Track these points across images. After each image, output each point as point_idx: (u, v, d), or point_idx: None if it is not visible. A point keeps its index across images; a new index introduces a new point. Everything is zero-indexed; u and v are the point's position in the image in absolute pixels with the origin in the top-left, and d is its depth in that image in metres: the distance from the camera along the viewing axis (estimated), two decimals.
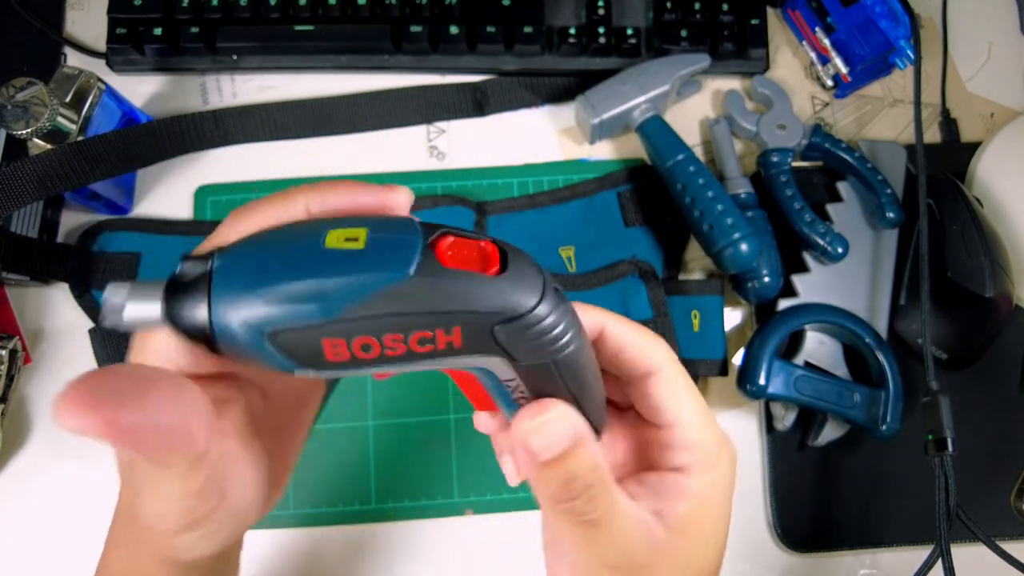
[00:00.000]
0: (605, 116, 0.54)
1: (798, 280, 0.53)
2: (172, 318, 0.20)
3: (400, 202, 0.24)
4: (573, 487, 0.24)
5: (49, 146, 0.47)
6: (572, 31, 0.57)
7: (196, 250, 0.22)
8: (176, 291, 0.20)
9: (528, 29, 0.56)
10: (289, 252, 0.20)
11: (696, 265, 0.55)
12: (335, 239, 0.20)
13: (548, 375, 0.23)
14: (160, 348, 0.23)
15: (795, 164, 0.55)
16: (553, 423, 0.24)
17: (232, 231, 0.22)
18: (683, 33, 0.57)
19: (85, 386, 0.18)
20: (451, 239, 0.21)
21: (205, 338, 0.20)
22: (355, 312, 0.19)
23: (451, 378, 0.25)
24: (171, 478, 0.22)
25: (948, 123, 0.59)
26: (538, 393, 0.24)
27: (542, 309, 0.21)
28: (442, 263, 0.20)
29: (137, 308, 0.20)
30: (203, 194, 0.55)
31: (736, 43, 0.57)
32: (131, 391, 0.19)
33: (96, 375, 0.19)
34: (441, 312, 0.20)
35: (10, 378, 0.50)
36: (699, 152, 0.57)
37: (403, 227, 0.21)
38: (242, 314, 0.20)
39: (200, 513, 0.23)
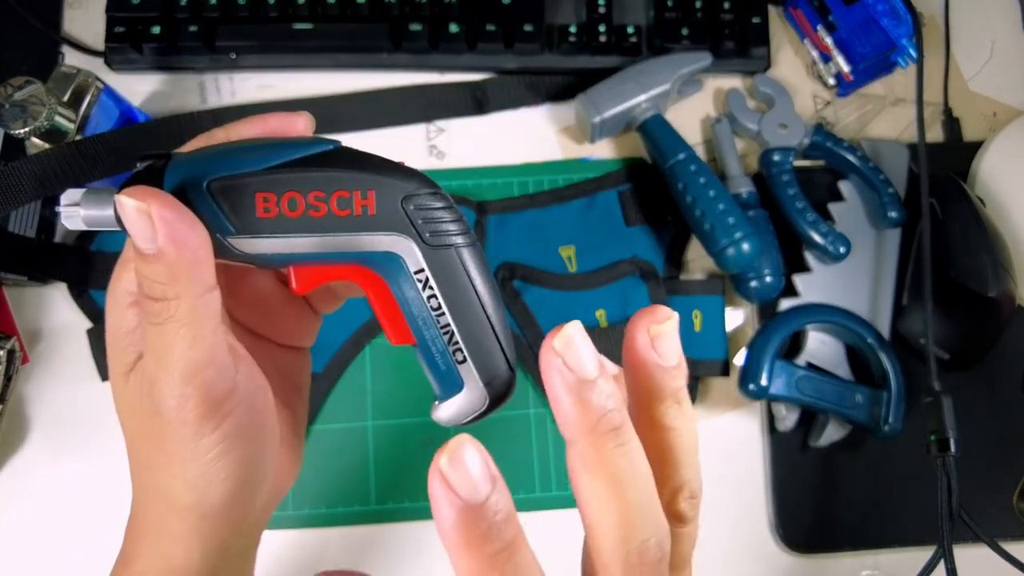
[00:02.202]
0: (606, 115, 0.54)
1: (800, 280, 0.53)
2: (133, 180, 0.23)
3: (300, 125, 0.26)
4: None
5: (47, 145, 0.46)
6: (572, 29, 0.57)
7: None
8: (136, 180, 0.23)
9: (528, 27, 0.56)
10: (239, 145, 0.24)
11: (697, 265, 0.55)
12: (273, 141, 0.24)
13: (455, 268, 0.24)
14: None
15: (797, 163, 0.55)
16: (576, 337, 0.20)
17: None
18: (684, 31, 0.57)
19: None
20: None
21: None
22: (287, 166, 0.23)
23: (373, 308, 0.26)
24: (187, 327, 0.22)
25: (950, 122, 0.59)
26: (451, 301, 0.25)
27: (444, 195, 0.24)
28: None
29: (93, 210, 0.23)
30: None
31: (737, 41, 0.57)
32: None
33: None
34: (359, 174, 0.23)
35: (8, 378, 0.50)
36: (700, 151, 0.57)
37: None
38: (188, 171, 0.23)
39: (218, 388, 0.23)
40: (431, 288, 0.24)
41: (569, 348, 0.19)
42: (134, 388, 0.24)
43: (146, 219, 0.21)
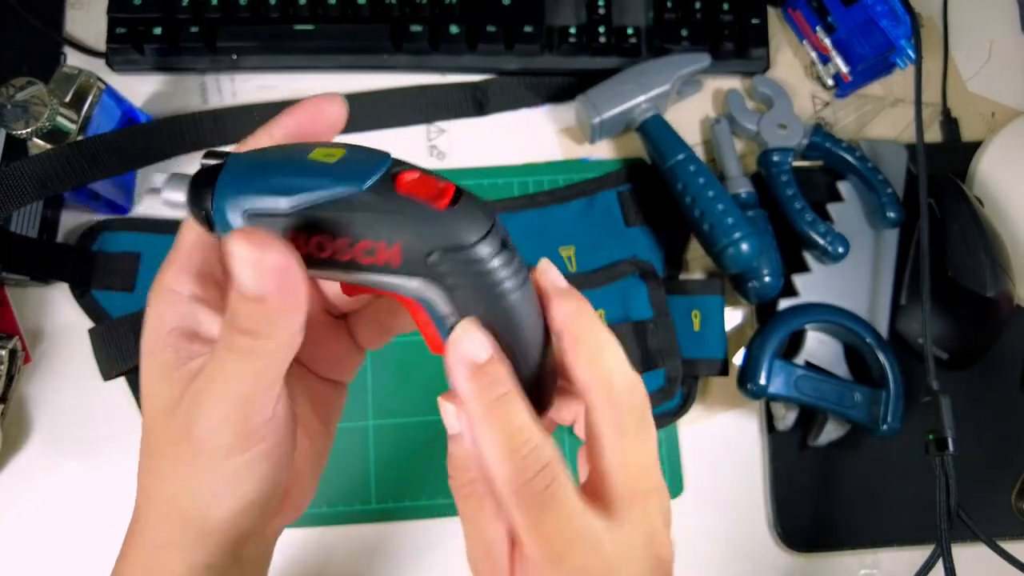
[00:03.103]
0: (605, 115, 0.54)
1: (799, 280, 0.53)
2: (189, 202, 0.24)
3: (329, 114, 0.26)
4: (517, 439, 0.24)
5: (49, 146, 0.47)
6: (572, 30, 0.57)
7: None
8: (194, 182, 0.24)
9: (528, 28, 0.56)
10: (280, 160, 0.24)
11: (697, 265, 0.55)
12: (318, 154, 0.23)
13: (483, 317, 0.24)
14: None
15: (796, 164, 0.55)
16: (472, 333, 0.24)
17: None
18: (683, 32, 0.57)
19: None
20: (416, 174, 0.23)
21: (208, 221, 0.24)
22: (308, 209, 0.22)
23: (410, 315, 0.26)
24: (263, 365, 0.23)
25: (949, 122, 0.59)
26: None
27: (481, 248, 0.23)
28: (397, 189, 0.22)
29: (171, 194, 0.24)
30: None
31: (737, 42, 0.57)
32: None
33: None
34: (384, 226, 0.22)
35: (10, 378, 0.50)
36: (699, 152, 0.57)
37: (377, 155, 0.23)
38: (230, 200, 0.23)
39: (257, 419, 0.24)
40: None
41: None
42: (170, 392, 0.24)
43: (259, 268, 0.21)
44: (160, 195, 0.24)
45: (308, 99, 0.26)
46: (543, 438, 0.24)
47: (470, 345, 0.24)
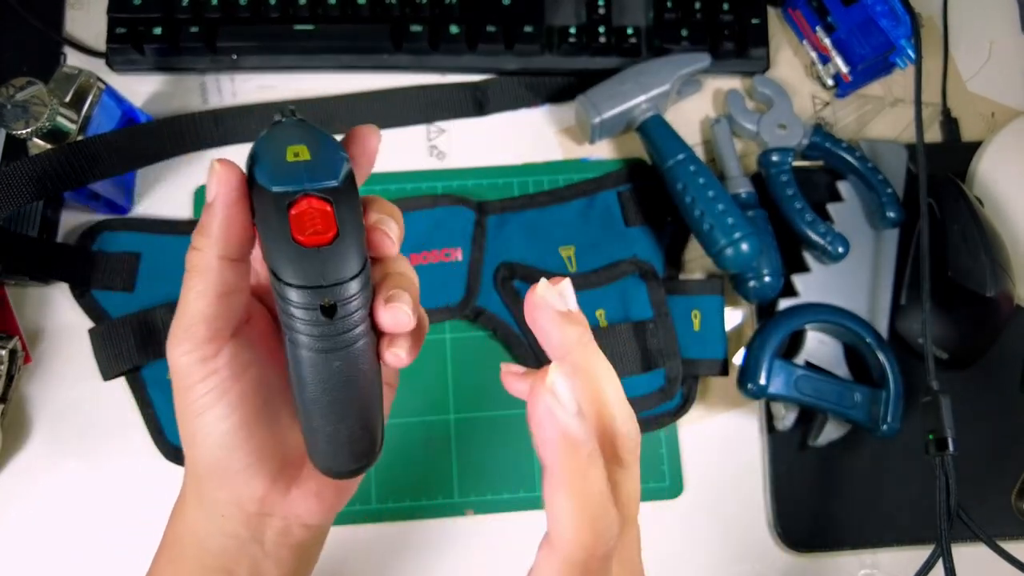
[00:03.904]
0: (605, 116, 0.54)
1: (798, 280, 0.53)
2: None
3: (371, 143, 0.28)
4: (598, 509, 0.23)
5: (49, 146, 0.47)
6: (572, 30, 0.57)
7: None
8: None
9: (528, 28, 0.56)
10: (277, 145, 0.25)
11: (696, 265, 0.55)
12: (298, 148, 0.25)
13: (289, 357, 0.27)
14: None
15: (795, 164, 0.55)
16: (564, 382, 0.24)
17: None
18: (683, 32, 0.57)
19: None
20: (310, 207, 0.24)
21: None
22: (261, 187, 0.24)
23: None
24: (197, 279, 0.26)
25: (949, 122, 0.59)
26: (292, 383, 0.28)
27: (293, 295, 0.25)
28: (288, 207, 0.24)
29: None
30: (203, 194, 0.55)
31: (736, 42, 0.57)
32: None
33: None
34: (259, 225, 0.25)
35: (10, 378, 0.50)
36: (699, 152, 0.57)
37: (325, 168, 0.25)
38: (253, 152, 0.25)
39: (207, 345, 0.27)
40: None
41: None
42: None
43: (213, 176, 0.25)
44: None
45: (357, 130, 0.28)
46: (613, 503, 0.24)
47: (565, 391, 0.23)
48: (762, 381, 0.49)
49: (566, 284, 0.26)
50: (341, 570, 0.50)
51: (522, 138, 0.58)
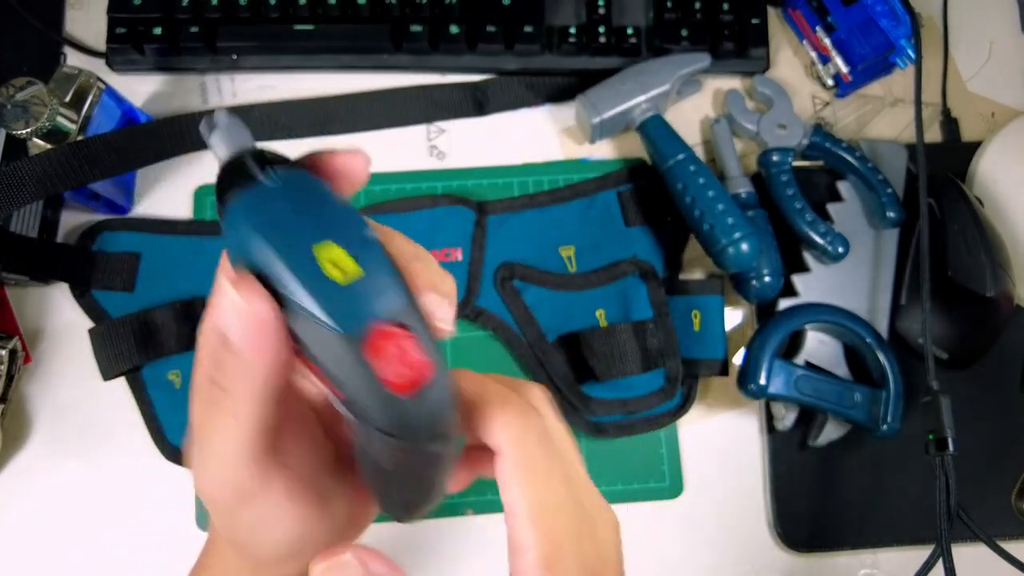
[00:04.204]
0: (605, 115, 0.54)
1: (798, 280, 0.53)
2: (217, 180, 0.21)
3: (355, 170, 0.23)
4: None
5: (49, 146, 0.47)
6: (572, 30, 0.57)
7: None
8: (227, 173, 0.21)
9: (528, 28, 0.56)
10: (303, 227, 0.21)
11: (696, 265, 0.55)
12: (336, 258, 0.20)
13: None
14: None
15: (795, 164, 0.55)
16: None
17: None
18: (683, 32, 0.57)
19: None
20: (398, 341, 0.20)
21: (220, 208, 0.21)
22: (301, 312, 0.20)
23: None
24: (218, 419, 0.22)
25: (949, 122, 0.59)
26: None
27: (430, 445, 0.22)
28: (368, 351, 0.20)
29: (217, 143, 0.21)
30: (203, 194, 0.55)
31: (736, 42, 0.57)
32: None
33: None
34: (341, 378, 0.20)
35: (10, 378, 0.50)
36: (699, 152, 0.57)
37: (387, 293, 0.21)
38: (243, 230, 0.20)
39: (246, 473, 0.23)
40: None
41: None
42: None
43: (232, 311, 0.20)
44: (209, 134, 0.21)
45: (338, 154, 0.23)
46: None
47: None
48: (762, 381, 0.49)
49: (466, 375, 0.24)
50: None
51: (522, 138, 0.58)
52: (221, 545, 0.28)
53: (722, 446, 0.53)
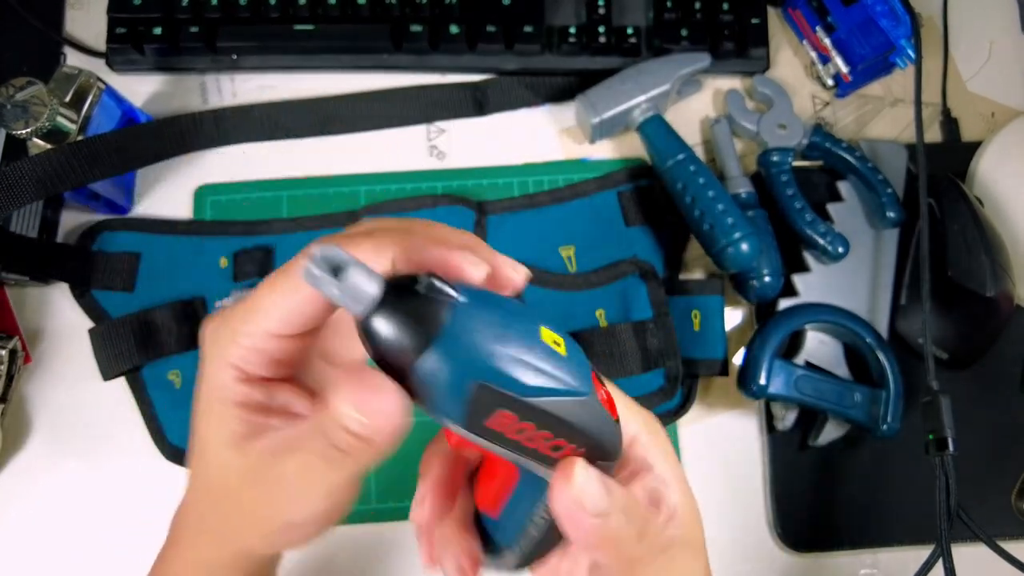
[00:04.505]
0: (605, 115, 0.54)
1: (799, 280, 0.53)
2: (391, 309, 0.20)
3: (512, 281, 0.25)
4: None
5: (49, 146, 0.47)
6: (572, 30, 0.57)
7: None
8: (410, 294, 0.21)
9: (528, 28, 0.56)
10: (515, 329, 0.22)
11: (697, 265, 0.55)
12: (547, 336, 0.22)
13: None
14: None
15: (795, 164, 0.55)
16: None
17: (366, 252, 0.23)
18: (683, 32, 0.57)
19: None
20: (600, 382, 0.25)
21: (399, 355, 0.21)
22: (544, 404, 0.22)
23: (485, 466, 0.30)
24: (332, 472, 0.24)
25: (949, 122, 0.59)
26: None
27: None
28: (600, 399, 0.24)
29: (359, 277, 0.20)
30: (203, 194, 0.55)
31: (736, 42, 0.57)
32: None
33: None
34: (589, 433, 0.24)
35: (10, 378, 0.50)
36: (699, 152, 0.57)
37: (578, 351, 0.24)
38: (470, 354, 0.21)
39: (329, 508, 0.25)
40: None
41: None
42: (245, 461, 0.24)
43: (369, 413, 0.24)
44: (315, 273, 0.20)
45: (498, 260, 0.24)
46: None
47: (593, 497, 0.25)
48: (762, 381, 0.49)
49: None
50: (341, 570, 0.50)
51: (522, 138, 0.58)
52: (188, 539, 0.28)
53: (722, 446, 0.53)
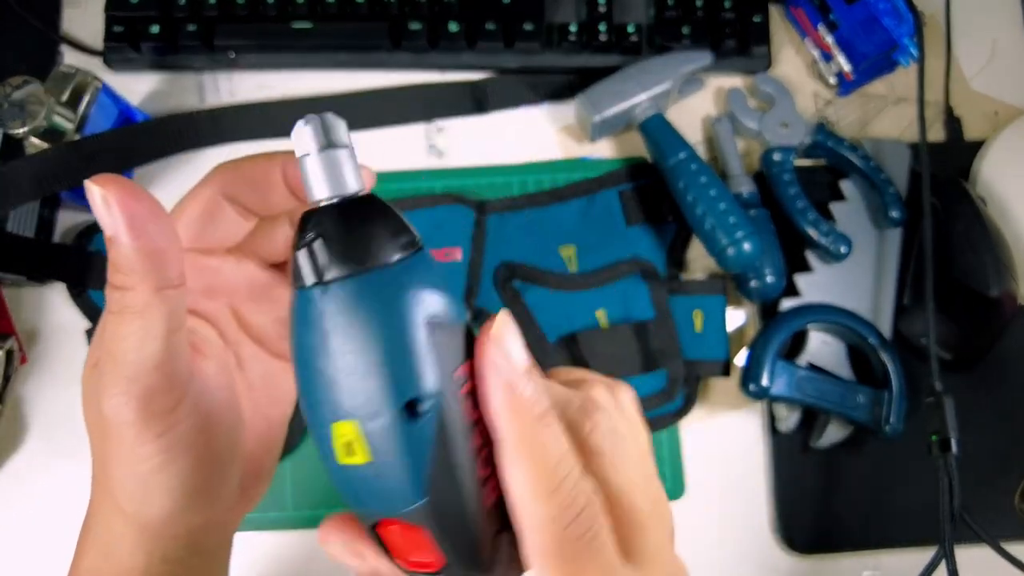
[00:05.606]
0: (606, 114, 0.54)
1: (801, 279, 0.53)
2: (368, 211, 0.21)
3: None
4: (559, 473, 0.21)
5: (46, 145, 0.46)
6: (573, 28, 0.57)
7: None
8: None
9: (528, 26, 0.56)
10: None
11: (698, 265, 0.55)
12: (350, 441, 0.23)
13: None
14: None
15: (798, 162, 0.55)
16: (512, 330, 0.21)
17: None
18: (685, 30, 0.56)
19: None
20: (399, 531, 0.22)
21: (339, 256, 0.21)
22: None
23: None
24: (139, 321, 0.21)
25: (952, 121, 0.59)
26: None
27: None
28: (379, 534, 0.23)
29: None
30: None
31: (738, 40, 0.57)
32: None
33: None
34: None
35: (6, 378, 0.50)
36: (701, 150, 0.57)
37: (400, 488, 0.22)
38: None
39: (162, 398, 0.22)
40: None
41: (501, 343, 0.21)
42: (89, 380, 0.23)
43: (105, 205, 0.21)
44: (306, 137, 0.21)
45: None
46: (581, 471, 0.21)
47: (513, 344, 0.21)
48: (765, 382, 0.48)
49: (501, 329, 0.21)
50: (341, 571, 0.50)
51: (522, 137, 0.57)
52: (106, 507, 0.26)
53: (724, 447, 0.52)
